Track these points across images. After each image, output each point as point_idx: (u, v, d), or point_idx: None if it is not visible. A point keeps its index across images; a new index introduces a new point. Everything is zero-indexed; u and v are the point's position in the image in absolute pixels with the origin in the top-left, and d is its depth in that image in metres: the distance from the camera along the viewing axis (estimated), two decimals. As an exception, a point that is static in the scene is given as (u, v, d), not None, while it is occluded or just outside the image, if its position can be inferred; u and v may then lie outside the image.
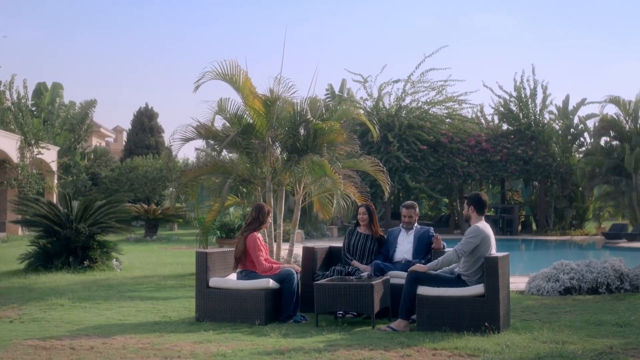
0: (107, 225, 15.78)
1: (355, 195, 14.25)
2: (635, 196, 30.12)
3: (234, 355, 6.89)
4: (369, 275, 9.43)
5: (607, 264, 12.76)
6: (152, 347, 7.33)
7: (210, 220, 15.18)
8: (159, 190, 40.64)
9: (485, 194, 9.20)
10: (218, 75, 13.75)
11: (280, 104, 13.73)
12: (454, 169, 33.00)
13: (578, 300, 11.49)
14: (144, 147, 46.13)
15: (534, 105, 34.64)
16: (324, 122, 13.83)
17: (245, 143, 13.72)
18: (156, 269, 16.40)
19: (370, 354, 6.92)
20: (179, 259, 18.88)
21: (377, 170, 14.71)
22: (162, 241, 27.44)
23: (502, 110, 35.45)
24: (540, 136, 34.24)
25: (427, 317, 8.44)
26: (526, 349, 7.06)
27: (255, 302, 9.07)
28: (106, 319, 9.45)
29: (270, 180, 14.02)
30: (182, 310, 10.21)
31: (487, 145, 33.59)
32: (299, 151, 13.87)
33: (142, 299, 11.32)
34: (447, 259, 8.60)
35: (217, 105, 14.35)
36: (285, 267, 9.54)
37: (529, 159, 33.42)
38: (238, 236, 9.82)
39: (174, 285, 13.29)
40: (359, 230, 10.39)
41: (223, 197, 13.75)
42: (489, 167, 33.51)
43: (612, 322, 8.82)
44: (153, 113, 48.53)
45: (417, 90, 33.85)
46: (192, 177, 14.30)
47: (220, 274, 9.57)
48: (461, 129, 34.19)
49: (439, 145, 32.90)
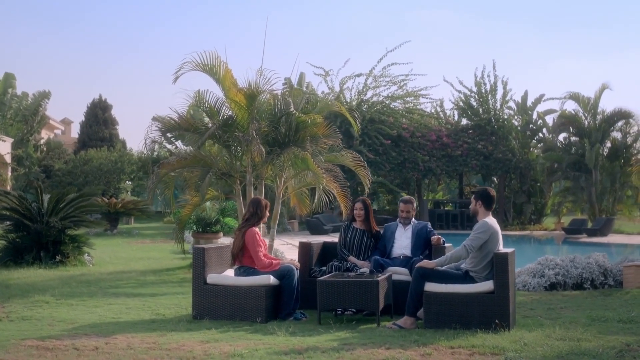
0: (79, 219, 15.34)
1: (336, 190, 14.08)
2: (594, 192, 30.46)
3: (251, 355, 6.64)
4: (371, 271, 9.26)
5: (591, 259, 12.79)
6: (160, 347, 7.04)
7: (187, 214, 14.85)
8: (113, 183, 39.95)
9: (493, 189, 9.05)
10: (198, 66, 13.45)
11: (263, 96, 13.47)
12: (415, 164, 33.03)
13: (567, 296, 11.48)
14: (98, 139, 45.30)
15: (494, 100, 34.84)
16: (306, 115, 13.62)
17: (228, 136, 13.44)
18: (129, 263, 16.04)
19: (389, 353, 6.73)
20: (149, 254, 18.54)
21: (358, 165, 14.57)
22: (123, 235, 26.96)
23: (462, 106, 35.58)
24: (500, 131, 34.47)
25: (434, 314, 8.29)
26: (545, 347, 6.94)
27: (256, 299, 8.83)
28: (99, 317, 9.12)
29: (251, 174, 13.77)
30: (174, 308, 9.93)
31: (447, 140, 33.71)
32: (281, 144, 13.65)
33: (129, 296, 11.01)
34: (456, 255, 8.45)
35: (194, 97, 14.03)
36: (285, 263, 9.31)
37: (489, 154, 33.61)
38: (236, 232, 9.56)
39: (155, 281, 12.98)
40: (354, 226, 10.20)
41: (203, 191, 13.45)
42: (450, 161, 33.64)
43: (615, 318, 8.76)
44: (107, 105, 47.71)
45: (378, 84, 33.79)
46: (170, 170, 13.94)
47: (216, 270, 9.29)
48: (422, 123, 34.24)
49: (401, 140, 32.88)
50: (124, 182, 39.60)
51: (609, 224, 28.35)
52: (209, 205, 15.53)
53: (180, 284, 12.67)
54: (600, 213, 30.64)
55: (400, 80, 33.89)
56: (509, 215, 34.49)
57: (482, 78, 34.83)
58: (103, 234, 26.88)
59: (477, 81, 34.90)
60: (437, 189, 42.72)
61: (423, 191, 39.12)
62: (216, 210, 15.85)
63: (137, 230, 29.67)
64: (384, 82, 33.86)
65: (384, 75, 33.57)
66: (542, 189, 34.66)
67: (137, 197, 39.11)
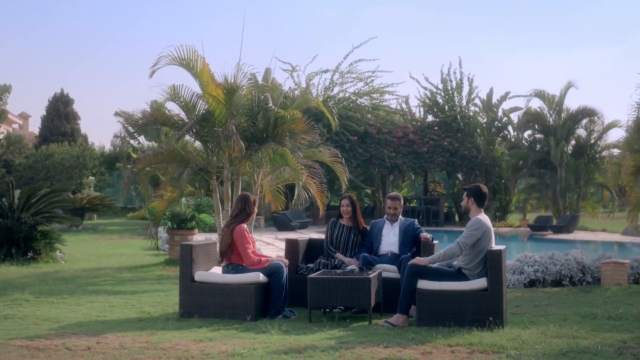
0: (51, 215, 15.05)
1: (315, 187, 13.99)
2: (559, 189, 30.73)
3: (250, 355, 6.52)
4: (361, 269, 9.17)
5: (569, 256, 12.87)
6: (154, 347, 6.89)
7: (162, 210, 14.64)
8: (76, 178, 39.32)
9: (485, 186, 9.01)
10: (175, 60, 13.29)
11: (241, 91, 13.33)
12: (381, 160, 32.97)
13: (548, 293, 11.53)
14: (60, 134, 44.59)
15: (460, 97, 34.98)
16: (285, 111, 13.51)
17: (207, 131, 13.28)
18: (101, 260, 15.81)
19: (389, 351, 6.65)
20: (119, 250, 18.29)
21: (335, 162, 14.50)
22: (89, 231, 26.58)
23: (428, 102, 35.66)
24: (466, 128, 34.64)
25: (427, 312, 8.23)
26: (544, 345, 6.91)
27: (245, 297, 8.70)
28: (83, 315, 8.92)
29: (228, 170, 13.62)
30: (159, 306, 9.77)
31: (414, 137, 33.73)
32: (259, 140, 13.53)
33: (109, 294, 10.81)
34: (450, 253, 8.39)
35: (169, 92, 13.84)
36: (273, 260, 9.17)
37: (455, 151, 33.71)
38: (224, 229, 9.41)
39: (133, 279, 12.78)
40: (341, 223, 10.10)
41: (181, 186, 13.28)
42: (416, 158, 33.66)
43: (604, 315, 8.80)
44: (69, 99, 46.99)
45: (345, 80, 33.71)
46: (146, 166, 13.74)
47: (203, 267, 9.14)
48: (388, 120, 34.24)
49: (367, 136, 32.81)
50: (87, 178, 38.98)
51: (574, 221, 28.63)
52: (184, 201, 15.33)
53: (159, 281, 12.50)
54: (565, 210, 30.92)
55: (366, 77, 33.85)
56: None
57: (448, 75, 34.95)
58: (69, 230, 26.40)
59: (443, 78, 35.01)
60: (402, 186, 42.77)
61: (387, 188, 39.15)
62: (191, 207, 15.64)
63: (103, 226, 29.26)
64: (351, 78, 33.78)
65: (350, 71, 33.50)
66: (507, 186, 34.88)
67: (100, 192, 38.60)
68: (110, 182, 43.01)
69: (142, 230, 26.16)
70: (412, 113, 37.46)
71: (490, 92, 36.13)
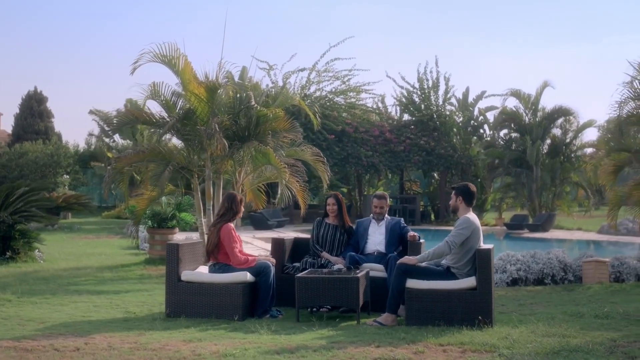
0: (29, 214, 14.87)
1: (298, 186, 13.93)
2: (535, 188, 30.89)
3: (243, 355, 6.46)
4: (349, 268, 9.14)
5: (551, 255, 12.94)
6: (144, 348, 6.81)
7: (142, 209, 14.51)
8: (50, 176, 39.01)
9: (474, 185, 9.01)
10: (156, 58, 13.15)
11: (223, 89, 13.24)
12: (358, 159, 32.91)
13: (531, 292, 11.60)
14: (33, 132, 44.24)
15: (436, 96, 35.03)
16: (268, 109, 13.44)
17: (189, 129, 13.18)
18: (80, 260, 15.66)
19: (382, 351, 6.61)
20: (97, 249, 18.14)
21: (317, 161, 14.45)
22: (65, 230, 26.32)
23: (404, 102, 35.69)
24: (443, 127, 34.70)
25: (416, 311, 8.21)
26: (535, 344, 6.90)
27: (233, 296, 8.64)
28: (68, 315, 8.82)
29: (210, 168, 13.53)
30: (143, 306, 9.69)
31: (390, 136, 33.72)
32: (240, 138, 13.45)
33: (92, 294, 10.71)
34: (439, 252, 8.37)
35: (149, 89, 13.70)
36: (260, 260, 9.11)
37: (431, 150, 33.74)
38: (210, 228, 9.34)
39: (114, 278, 12.67)
40: (327, 221, 10.05)
41: (162, 185, 13.15)
42: (393, 157, 33.64)
43: (591, 314, 8.82)
44: (42, 97, 46.58)
45: (322, 79, 33.62)
46: (127, 164, 13.60)
47: (189, 267, 9.06)
48: (365, 118, 34.22)
49: (344, 135, 32.74)
50: (61, 176, 38.64)
51: (550, 220, 28.78)
52: (164, 200, 15.21)
53: (141, 281, 12.40)
54: (540, 209, 31.08)
55: (343, 76, 33.78)
56: (450, 211, 34.70)
57: (425, 74, 34.97)
58: (44, 229, 26.14)
59: (419, 77, 35.02)
60: (378, 185, 42.77)
61: (363, 187, 39.15)
62: (172, 206, 15.52)
63: (78, 225, 28.99)
64: (327, 77, 33.69)
65: (327, 70, 33.42)
66: (483, 185, 34.96)
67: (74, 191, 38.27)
68: (85, 180, 42.71)
69: (118, 229, 25.99)
70: (388, 112, 37.46)
71: (467, 91, 36.24)
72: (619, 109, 13.25)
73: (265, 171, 14.40)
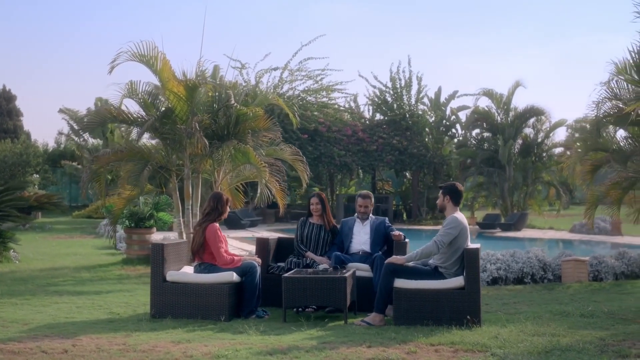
0: (4, 214, 14.66)
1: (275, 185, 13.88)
2: (507, 187, 31.05)
3: (235, 356, 6.39)
4: (335, 268, 9.10)
5: (530, 254, 13.00)
6: (133, 349, 6.72)
7: (120, 208, 14.37)
8: (19, 176, 38.49)
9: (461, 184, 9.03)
10: (134, 57, 13.04)
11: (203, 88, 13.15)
12: (331, 158, 32.87)
13: (512, 291, 11.65)
14: (2, 131, 43.75)
15: (408, 96, 35.10)
16: (248, 108, 13.37)
17: (169, 128, 13.07)
18: (55, 260, 15.47)
19: (374, 351, 6.58)
20: (72, 249, 17.95)
21: (296, 160, 14.41)
22: (36, 230, 25.97)
23: (377, 101, 35.73)
24: (415, 127, 34.77)
25: (404, 311, 8.20)
26: (526, 343, 6.91)
27: (219, 296, 8.56)
28: (51, 317, 8.69)
29: (189, 167, 13.44)
30: (126, 306, 9.58)
31: (363, 135, 33.73)
32: (220, 137, 13.37)
33: (73, 294, 10.57)
34: (427, 251, 8.36)
35: (126, 88, 13.57)
36: (246, 260, 9.05)
37: (404, 149, 33.79)
38: (195, 227, 9.25)
39: (93, 279, 12.54)
40: (311, 221, 10.01)
41: (141, 185, 13.04)
42: (365, 156, 33.64)
43: (576, 313, 8.86)
44: (11, 96, 46.06)
45: (294, 78, 33.56)
46: (105, 164, 13.46)
47: (173, 267, 8.96)
48: (337, 118, 34.21)
49: (317, 134, 32.71)
50: (31, 175, 38.16)
51: (522, 219, 28.94)
52: (142, 199, 15.07)
53: (120, 281, 12.28)
54: (512, 208, 31.26)
55: (316, 75, 33.76)
56: (422, 210, 34.85)
57: (397, 73, 35.03)
58: (15, 229, 25.80)
59: (392, 76, 35.08)
60: (349, 184, 42.81)
61: (335, 186, 39.16)
62: (149, 205, 15.37)
63: (49, 225, 28.63)
64: (300, 76, 33.65)
65: (300, 69, 33.37)
66: (455, 184, 35.05)
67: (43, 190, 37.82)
68: (54, 180, 42.27)
69: (91, 229, 25.73)
70: (360, 111, 37.47)
71: (439, 90, 36.37)
72: (596, 109, 13.32)
73: (244, 170, 14.33)
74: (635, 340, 7.11)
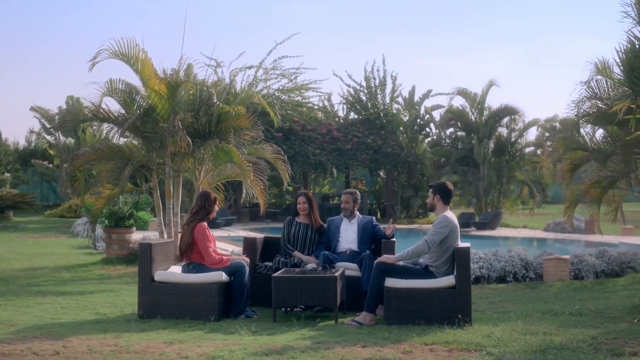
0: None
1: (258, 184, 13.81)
2: (482, 186, 31.19)
3: (231, 357, 6.32)
4: (324, 267, 9.06)
5: (512, 252, 13.07)
6: (126, 350, 6.63)
7: (100, 207, 14.23)
8: (-14, 175, 38.00)
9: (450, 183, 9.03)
10: (115, 54, 12.90)
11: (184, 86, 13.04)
12: (306, 157, 32.84)
13: (496, 289, 11.69)
14: (-30, 128, 43.19)
15: (383, 95, 35.14)
16: (230, 106, 13.30)
17: (150, 126, 12.95)
18: (34, 260, 15.28)
19: (370, 351, 6.55)
20: (48, 249, 17.72)
21: (278, 159, 14.36)
22: (9, 229, 25.60)
23: (351, 100, 35.75)
24: (389, 126, 34.82)
25: (395, 310, 8.18)
26: (520, 342, 6.91)
27: (208, 296, 8.49)
28: (37, 318, 8.56)
29: (170, 166, 13.33)
30: (112, 307, 9.48)
31: (338, 134, 33.74)
32: (201, 136, 13.28)
33: (56, 295, 10.45)
34: (418, 250, 8.35)
35: (106, 86, 13.42)
36: (235, 259, 8.98)
37: (378, 148, 33.85)
38: (184, 227, 9.17)
39: (74, 279, 12.42)
40: (297, 220, 9.97)
41: (122, 184, 12.91)
42: (340, 155, 33.65)
43: (565, 312, 8.90)
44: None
45: (269, 77, 33.46)
46: (85, 162, 13.31)
47: (161, 267, 8.87)
48: (312, 117, 34.18)
49: (292, 133, 32.66)
50: (2, 174, 37.68)
51: (497, 218, 29.11)
52: (121, 198, 14.92)
53: (102, 281, 12.16)
54: (486, 207, 31.41)
55: (290, 74, 33.69)
56: (397, 209, 34.92)
57: (372, 72, 35.08)
58: (-10, 229, 25.58)
59: (366, 75, 35.12)
60: (323, 183, 42.78)
61: (309, 185, 39.10)
62: (129, 204, 15.22)
63: (22, 224, 28.27)
64: (275, 74, 33.56)
65: (275, 67, 33.28)
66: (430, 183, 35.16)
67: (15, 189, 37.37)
68: (25, 179, 41.81)
69: (65, 228, 25.46)
70: (334, 110, 37.45)
71: (413, 89, 36.50)
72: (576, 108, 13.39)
73: (225, 169, 14.25)
74: (627, 338, 7.14)
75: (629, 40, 9.11)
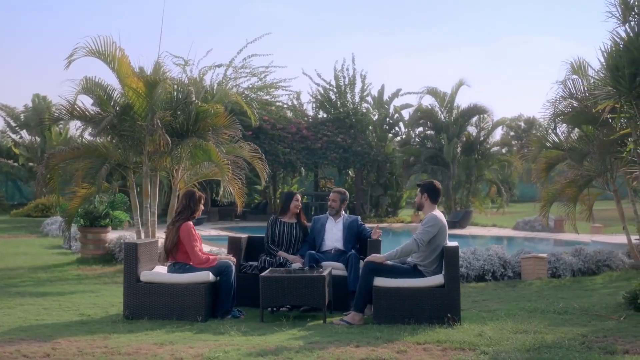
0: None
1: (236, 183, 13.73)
2: (451, 185, 31.35)
3: (225, 358, 6.26)
4: (311, 267, 9.02)
5: (491, 251, 13.12)
6: (117, 352, 6.53)
7: (75, 207, 14.04)
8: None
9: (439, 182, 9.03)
10: (91, 53, 12.75)
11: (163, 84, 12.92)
12: (275, 156, 32.71)
13: (476, 288, 11.73)
14: None
15: (352, 94, 35.14)
16: (208, 105, 13.21)
17: (128, 125, 12.81)
18: (6, 260, 15.07)
19: (364, 351, 6.52)
20: (19, 249, 17.47)
21: (255, 158, 14.30)
22: (-27, 229, 25.21)
23: (320, 98, 35.71)
24: (359, 125, 34.83)
25: (384, 310, 8.16)
26: (512, 341, 6.92)
27: (195, 297, 8.41)
28: (21, 319, 8.40)
29: (147, 165, 13.20)
30: (95, 307, 9.35)
31: (307, 133, 33.67)
32: (179, 134, 13.17)
33: (36, 295, 10.28)
34: (407, 249, 8.34)
35: (81, 84, 13.26)
36: (221, 259, 8.91)
37: (348, 147, 33.83)
38: (169, 226, 9.07)
39: (51, 279, 12.25)
40: (282, 220, 9.91)
41: (99, 183, 12.75)
42: (310, 154, 33.59)
43: (550, 310, 8.94)
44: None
45: (239, 75, 33.29)
46: (61, 161, 13.12)
47: (146, 267, 8.77)
48: (281, 115, 34.10)
49: (261, 132, 32.53)
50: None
51: (467, 217, 29.25)
52: (97, 198, 14.73)
53: (80, 282, 12.00)
54: (455, 206, 31.59)
55: (260, 72, 33.58)
56: (366, 208, 34.95)
57: (342, 71, 35.05)
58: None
59: (335, 74, 35.09)
60: (292, 182, 42.68)
61: (278, 184, 39.00)
62: (105, 204, 15.04)
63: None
64: (244, 73, 33.41)
65: (244, 66, 33.14)
66: (399, 182, 35.30)
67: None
68: (-10, 178, 41.27)
69: (33, 228, 25.12)
70: (303, 109, 37.38)
71: (382, 89, 36.53)
72: (552, 107, 13.51)
73: (202, 168, 14.15)
74: (616, 336, 7.19)
75: (613, 40, 9.17)
